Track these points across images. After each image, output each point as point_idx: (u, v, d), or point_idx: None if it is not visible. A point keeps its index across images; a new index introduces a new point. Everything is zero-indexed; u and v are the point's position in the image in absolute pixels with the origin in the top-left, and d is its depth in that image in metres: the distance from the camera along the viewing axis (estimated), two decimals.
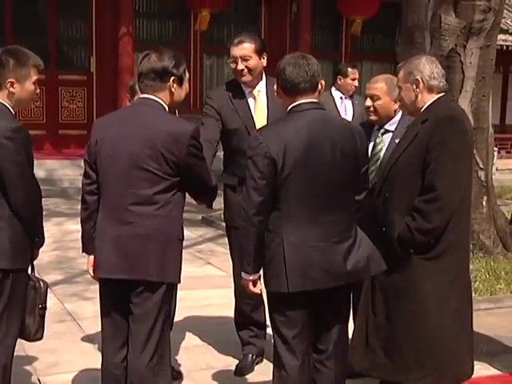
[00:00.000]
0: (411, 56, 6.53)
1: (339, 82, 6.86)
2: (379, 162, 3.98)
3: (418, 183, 3.45)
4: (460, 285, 3.59)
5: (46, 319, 3.59)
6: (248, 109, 4.25)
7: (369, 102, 3.99)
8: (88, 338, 4.84)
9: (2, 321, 3.35)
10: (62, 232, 8.22)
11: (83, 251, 3.47)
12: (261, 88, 4.29)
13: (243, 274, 3.27)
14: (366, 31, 14.39)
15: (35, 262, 3.55)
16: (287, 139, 3.12)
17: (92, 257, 3.39)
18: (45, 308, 3.54)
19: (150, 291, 3.24)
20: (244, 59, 4.17)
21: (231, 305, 4.61)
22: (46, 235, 3.59)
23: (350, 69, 6.89)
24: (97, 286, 5.72)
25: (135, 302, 3.26)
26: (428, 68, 3.58)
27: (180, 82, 3.33)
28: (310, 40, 13.61)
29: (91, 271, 3.42)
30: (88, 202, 3.36)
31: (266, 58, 4.24)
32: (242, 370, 4.39)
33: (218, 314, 5.33)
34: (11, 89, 3.35)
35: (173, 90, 3.31)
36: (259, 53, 4.19)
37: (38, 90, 3.51)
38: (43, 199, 3.55)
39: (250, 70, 4.19)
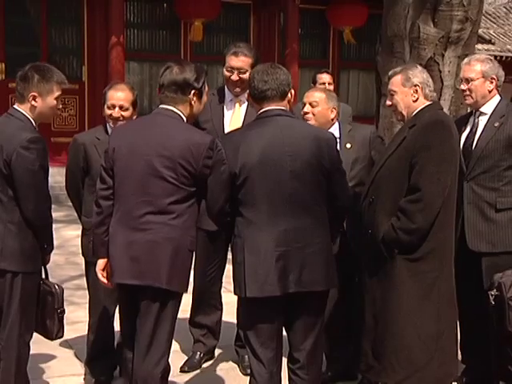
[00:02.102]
0: (392, 65, 6.60)
1: None
2: None
3: (404, 186, 3.47)
4: (442, 288, 3.56)
5: None
6: (222, 116, 4.27)
7: (307, 109, 4.05)
8: (67, 344, 4.80)
9: (16, 319, 3.40)
10: None
11: (93, 254, 3.46)
12: (244, 98, 4.30)
13: None
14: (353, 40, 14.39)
15: None
16: (246, 145, 3.12)
17: (102, 260, 3.38)
18: (63, 311, 3.60)
19: (156, 297, 3.24)
20: (240, 72, 4.20)
21: None
22: None
23: (318, 74, 6.81)
24: (83, 292, 5.72)
25: (142, 306, 3.27)
26: (425, 76, 3.68)
27: (200, 95, 3.36)
28: (297, 49, 13.60)
29: (100, 275, 3.41)
30: (102, 207, 3.34)
31: None
32: (188, 368, 4.44)
33: None
34: (33, 102, 3.43)
35: (193, 102, 3.33)
36: (254, 67, 4.21)
37: (61, 106, 3.57)
38: None
39: (242, 83, 4.22)
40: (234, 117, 4.29)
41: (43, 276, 3.60)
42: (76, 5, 12.94)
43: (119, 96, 3.99)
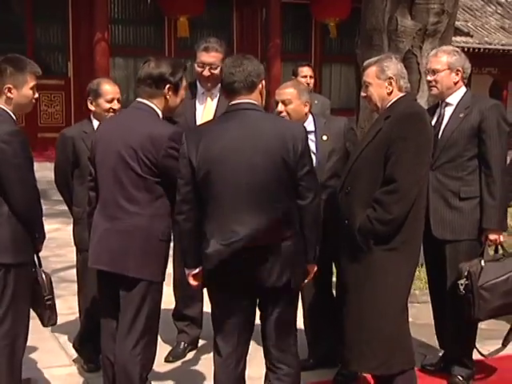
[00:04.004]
0: (371, 57, 6.59)
1: None
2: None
3: (380, 176, 3.44)
4: (411, 277, 3.59)
5: None
6: (194, 110, 4.26)
7: (280, 107, 3.98)
8: (53, 336, 4.78)
9: (9, 313, 3.37)
10: None
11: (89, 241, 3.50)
12: (215, 92, 4.31)
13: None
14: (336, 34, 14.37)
15: None
16: (206, 140, 3.04)
17: None
18: (51, 299, 3.59)
19: (130, 285, 3.26)
20: (212, 67, 4.19)
21: None
22: None
23: (299, 68, 6.75)
24: (67, 284, 5.67)
25: (121, 294, 3.29)
26: (399, 67, 3.63)
27: (175, 89, 3.35)
28: (280, 43, 13.58)
29: None
30: (90, 198, 3.44)
31: None
32: (173, 357, 4.43)
33: None
34: (9, 94, 3.40)
35: (167, 97, 3.33)
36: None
37: (37, 95, 3.51)
38: None
39: (214, 78, 4.22)
40: (205, 110, 4.29)
41: (37, 265, 3.59)
42: (60, 1, 12.84)
43: (115, 89, 4.09)
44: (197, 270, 3.19)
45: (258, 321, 3.30)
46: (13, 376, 3.47)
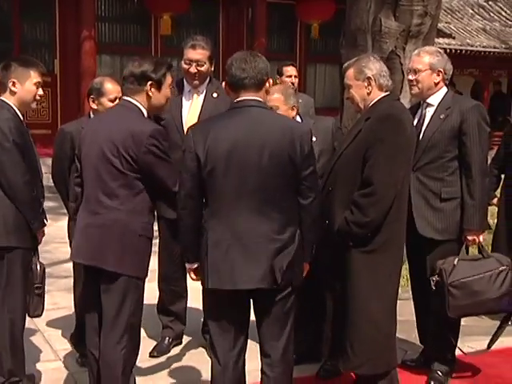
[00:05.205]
0: (354, 57, 6.61)
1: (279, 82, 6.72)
2: None
3: (359, 178, 3.43)
4: (396, 278, 3.59)
5: None
6: (180, 107, 4.26)
7: None
8: (38, 331, 4.76)
9: (3, 297, 3.46)
10: None
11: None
12: (202, 89, 4.32)
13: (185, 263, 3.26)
14: (320, 34, 14.40)
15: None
16: (214, 135, 3.00)
17: None
18: (40, 287, 3.62)
19: (110, 280, 3.25)
20: (198, 64, 4.20)
21: None
22: None
23: (284, 67, 6.73)
24: (53, 280, 5.61)
25: (101, 289, 3.29)
26: (378, 66, 3.58)
27: (158, 86, 3.34)
28: (265, 43, 13.60)
29: None
30: (77, 194, 3.46)
31: (213, 63, 4.32)
32: (158, 352, 4.43)
33: None
34: (13, 88, 3.54)
35: (150, 93, 3.33)
36: (211, 59, 4.25)
37: (42, 92, 3.65)
38: None
39: (200, 75, 4.23)
40: (191, 107, 4.29)
41: (34, 253, 3.64)
42: None
43: (118, 88, 4.10)
44: (197, 265, 3.15)
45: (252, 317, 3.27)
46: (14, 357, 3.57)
